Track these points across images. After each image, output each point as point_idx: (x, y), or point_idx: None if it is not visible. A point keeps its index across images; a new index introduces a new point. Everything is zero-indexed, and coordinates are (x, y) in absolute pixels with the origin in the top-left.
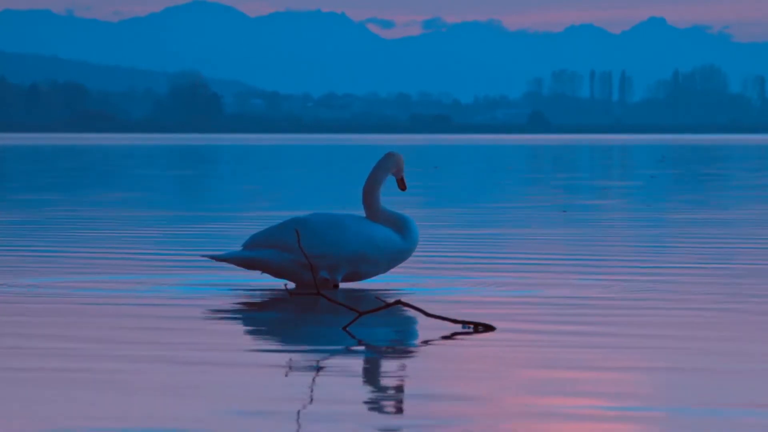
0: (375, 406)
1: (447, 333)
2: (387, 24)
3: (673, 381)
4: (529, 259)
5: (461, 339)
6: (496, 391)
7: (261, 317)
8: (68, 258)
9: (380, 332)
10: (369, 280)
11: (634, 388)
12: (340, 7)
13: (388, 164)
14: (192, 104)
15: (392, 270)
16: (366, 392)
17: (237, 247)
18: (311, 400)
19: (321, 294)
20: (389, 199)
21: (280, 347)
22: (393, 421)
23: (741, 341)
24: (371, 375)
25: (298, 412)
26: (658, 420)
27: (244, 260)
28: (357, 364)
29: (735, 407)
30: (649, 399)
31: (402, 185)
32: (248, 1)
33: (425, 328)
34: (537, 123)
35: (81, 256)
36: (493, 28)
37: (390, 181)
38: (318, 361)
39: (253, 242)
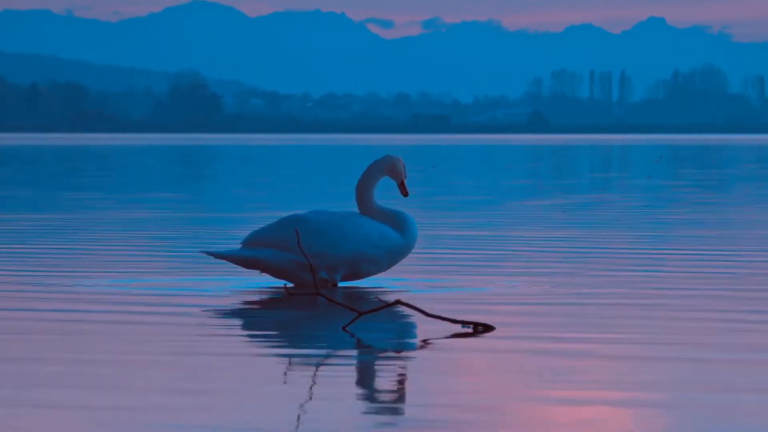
0: (374, 406)
1: (447, 333)
2: (387, 24)
3: (673, 381)
4: (529, 259)
5: (461, 339)
6: (495, 391)
7: (261, 317)
8: (66, 259)
9: (380, 332)
10: (369, 279)
11: (635, 388)
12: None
13: (381, 165)
14: (192, 104)
15: (392, 270)
16: (365, 393)
17: (236, 245)
18: (310, 400)
19: (320, 294)
20: (389, 201)
21: (279, 347)
22: (393, 422)
23: (738, 339)
24: (371, 375)
25: (298, 413)
26: (658, 420)
27: (243, 259)
28: (356, 364)
29: (731, 401)
30: (650, 399)
31: (403, 190)
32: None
33: (425, 328)
34: (537, 123)
35: (78, 257)
36: (493, 28)
37: (393, 186)
38: (317, 361)
39: (252, 240)
